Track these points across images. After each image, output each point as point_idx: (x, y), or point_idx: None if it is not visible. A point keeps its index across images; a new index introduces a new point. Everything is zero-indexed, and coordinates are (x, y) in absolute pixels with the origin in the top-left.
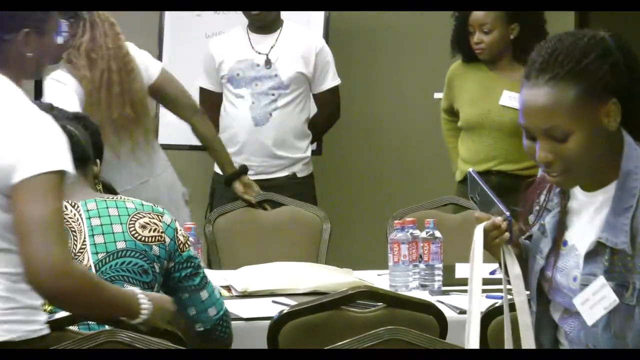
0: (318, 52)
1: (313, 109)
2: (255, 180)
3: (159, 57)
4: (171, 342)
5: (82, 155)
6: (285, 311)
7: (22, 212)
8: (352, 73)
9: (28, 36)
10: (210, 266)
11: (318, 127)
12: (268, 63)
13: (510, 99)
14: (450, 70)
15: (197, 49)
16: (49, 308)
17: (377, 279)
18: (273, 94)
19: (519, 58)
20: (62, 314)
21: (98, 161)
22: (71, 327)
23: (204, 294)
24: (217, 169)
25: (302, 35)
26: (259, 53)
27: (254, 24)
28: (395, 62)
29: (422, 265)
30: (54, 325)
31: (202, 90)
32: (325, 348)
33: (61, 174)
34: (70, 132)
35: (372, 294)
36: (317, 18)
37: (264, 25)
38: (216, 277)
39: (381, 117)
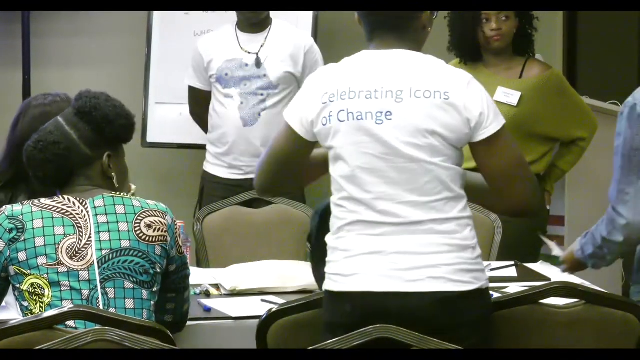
0: (307, 51)
1: None
2: (244, 180)
3: (148, 55)
4: (161, 341)
5: (82, 158)
6: (273, 310)
7: (503, 159)
8: None
9: (430, 14)
10: (199, 265)
11: None
12: (258, 63)
13: (504, 95)
14: None
15: (186, 47)
16: (47, 300)
17: None
18: (262, 94)
19: (517, 52)
20: (51, 312)
21: (108, 153)
22: (60, 326)
23: (186, 293)
24: (206, 168)
25: (291, 35)
26: (248, 52)
27: (246, 22)
28: None
29: None
30: (43, 323)
31: (191, 89)
32: (313, 347)
33: None
34: (68, 138)
35: None
36: (305, 18)
37: (256, 23)
38: (205, 276)
39: None
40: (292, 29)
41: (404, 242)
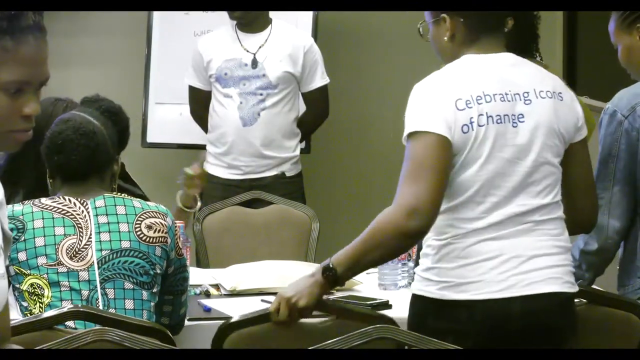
0: (306, 51)
1: (302, 107)
2: (244, 180)
3: (148, 56)
4: (161, 341)
5: (105, 159)
6: (230, 321)
7: (587, 164)
8: (340, 72)
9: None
10: (198, 265)
11: (307, 126)
12: (254, 63)
13: None
14: None
15: (186, 47)
16: (47, 301)
17: (366, 277)
18: (261, 94)
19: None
20: (50, 312)
21: (119, 158)
22: (59, 326)
23: (184, 296)
24: (206, 168)
25: (291, 35)
26: (248, 52)
27: (238, 22)
28: (383, 61)
29: (410, 264)
30: (43, 324)
31: (192, 89)
32: (314, 347)
33: None
34: (102, 133)
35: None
36: (305, 18)
37: (246, 23)
38: (205, 276)
39: (369, 115)
40: (291, 29)
41: (520, 244)
